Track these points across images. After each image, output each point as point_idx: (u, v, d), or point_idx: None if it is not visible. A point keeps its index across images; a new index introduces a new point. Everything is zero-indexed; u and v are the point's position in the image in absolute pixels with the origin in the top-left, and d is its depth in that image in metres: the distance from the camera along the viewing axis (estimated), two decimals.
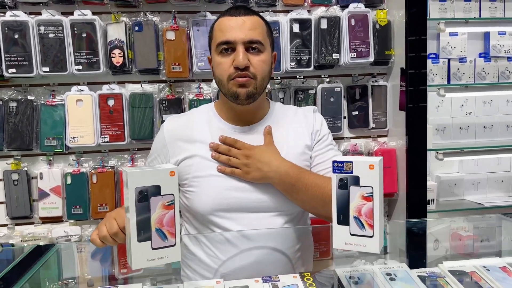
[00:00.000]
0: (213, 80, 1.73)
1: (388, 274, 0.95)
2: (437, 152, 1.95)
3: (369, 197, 0.79)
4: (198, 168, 1.07)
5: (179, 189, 1.12)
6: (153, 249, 0.76)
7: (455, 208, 2.00)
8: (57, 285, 1.02)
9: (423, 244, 1.26)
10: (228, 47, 1.04)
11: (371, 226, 0.80)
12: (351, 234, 0.82)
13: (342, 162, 0.81)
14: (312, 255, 1.19)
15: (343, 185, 0.81)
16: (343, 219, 0.82)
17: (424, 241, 1.27)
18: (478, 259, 1.00)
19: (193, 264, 1.11)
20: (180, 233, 1.58)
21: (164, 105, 1.75)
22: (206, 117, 1.14)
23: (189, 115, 1.19)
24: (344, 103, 1.92)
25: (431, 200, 1.93)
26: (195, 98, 1.76)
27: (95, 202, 1.75)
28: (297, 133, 1.14)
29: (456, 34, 2.00)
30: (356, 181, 0.80)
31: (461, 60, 2.03)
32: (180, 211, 1.14)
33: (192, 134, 1.11)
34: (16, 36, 1.62)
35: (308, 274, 0.96)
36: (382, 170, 0.82)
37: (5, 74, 1.62)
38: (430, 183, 1.93)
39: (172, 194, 0.77)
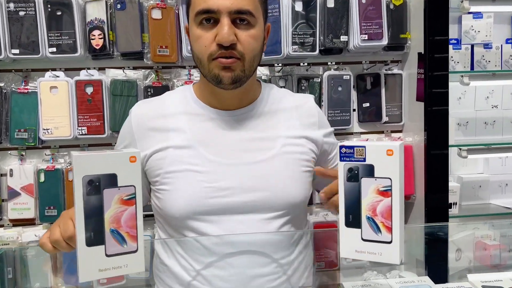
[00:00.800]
0: None
1: None
2: (459, 149, 1.79)
3: (386, 192, 0.65)
4: (172, 161, 0.92)
5: (150, 188, 0.98)
6: (108, 255, 0.62)
7: (480, 213, 1.85)
8: None
9: (445, 253, 1.12)
10: (210, 17, 0.87)
11: (389, 229, 0.65)
12: (363, 240, 0.67)
13: (352, 147, 0.66)
14: (312, 265, 1.04)
15: (353, 176, 0.66)
16: (353, 220, 0.67)
17: (445, 250, 1.13)
18: None
19: (164, 277, 0.97)
20: (154, 238, 1.43)
21: (149, 93, 1.63)
22: (183, 100, 0.99)
23: (162, 99, 1.02)
24: (353, 94, 1.78)
25: (453, 203, 1.78)
26: (185, 85, 1.63)
27: (71, 203, 1.59)
28: (294, 124, 1.00)
29: (480, 16, 1.85)
30: (370, 171, 0.65)
31: (486, 46, 1.88)
32: (153, 214, 1.04)
33: (165, 121, 0.96)
34: None
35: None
36: (403, 158, 0.66)
37: None
38: (452, 184, 1.78)
39: (133, 186, 0.63)
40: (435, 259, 1.09)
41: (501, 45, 1.91)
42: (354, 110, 1.80)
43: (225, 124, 0.96)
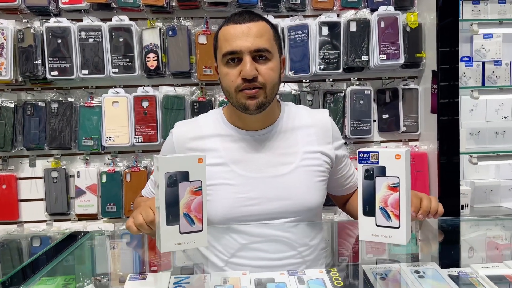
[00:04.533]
0: None
1: (417, 271, 0.93)
2: (470, 156, 1.89)
3: (395, 188, 0.79)
4: (209, 177, 1.03)
5: None
6: (181, 233, 0.78)
7: (491, 215, 1.91)
8: (85, 276, 1.05)
9: (456, 246, 1.20)
10: (235, 57, 1.00)
11: (398, 217, 0.79)
12: (377, 225, 0.81)
13: (368, 153, 0.81)
14: (323, 250, 1.13)
15: (369, 175, 0.81)
16: (369, 210, 0.81)
17: (457, 244, 1.22)
18: None
19: (204, 267, 1.11)
20: None
21: (195, 107, 1.79)
22: (215, 123, 1.12)
23: (197, 121, 1.15)
24: (374, 106, 1.90)
25: (465, 205, 1.87)
26: (225, 100, 1.77)
27: (128, 200, 1.80)
28: (311, 139, 1.10)
29: (490, 36, 1.95)
30: (382, 171, 0.80)
31: (496, 63, 1.97)
32: None
33: (201, 142, 1.08)
34: (59, 41, 1.71)
35: (334, 269, 0.95)
36: (409, 161, 0.81)
37: (48, 76, 1.71)
38: (464, 187, 1.87)
39: (200, 181, 0.79)
40: (448, 252, 1.16)
41: (510, 61, 1.98)
42: (374, 121, 1.91)
43: (251, 143, 1.08)
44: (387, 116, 1.90)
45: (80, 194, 1.80)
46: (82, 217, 1.84)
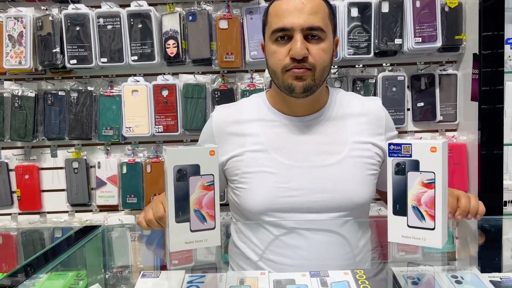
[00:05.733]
0: (266, 70, 1.73)
1: (454, 276, 0.85)
2: None
3: (430, 184, 0.71)
4: (248, 163, 1.01)
5: (228, 185, 1.09)
6: (192, 231, 0.73)
7: None
8: (97, 272, 1.03)
9: (498, 248, 1.12)
10: (285, 34, 0.94)
11: (432, 217, 0.71)
12: (409, 226, 0.74)
13: (399, 145, 0.73)
14: (369, 251, 1.09)
15: (400, 170, 0.73)
16: (400, 209, 0.74)
17: (499, 245, 1.13)
18: None
19: (236, 258, 1.08)
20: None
21: (216, 95, 1.74)
22: (257, 107, 1.07)
23: (239, 105, 1.11)
24: (408, 94, 1.79)
25: (509, 201, 1.74)
26: (247, 88, 1.74)
27: (149, 191, 1.78)
28: (362, 129, 1.03)
29: None
30: (415, 165, 0.72)
31: None
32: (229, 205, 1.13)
33: (241, 127, 1.04)
34: (77, 29, 1.69)
35: (360, 272, 0.89)
36: (447, 154, 0.73)
37: (67, 65, 1.70)
38: (508, 182, 1.74)
39: (212, 175, 0.74)
40: (489, 254, 1.09)
41: None
42: (408, 109, 1.81)
43: (296, 130, 1.02)
44: (422, 104, 1.80)
45: (101, 185, 1.80)
46: (103, 208, 1.84)
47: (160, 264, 1.14)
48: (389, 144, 0.74)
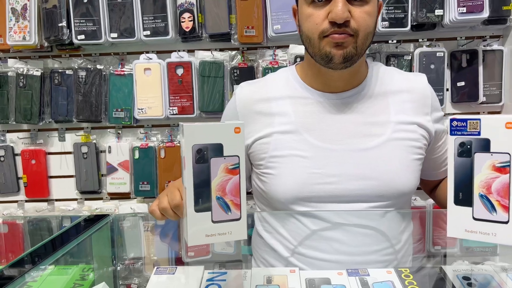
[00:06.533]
0: (290, 46, 1.63)
1: None
2: None
3: (504, 168, 0.60)
4: (276, 146, 0.91)
5: (253, 170, 1.00)
6: (213, 222, 0.64)
7: None
8: (104, 265, 0.96)
9: None
10: None
11: (506, 208, 0.60)
12: (475, 219, 0.63)
13: (465, 120, 0.62)
14: (411, 246, 1.00)
15: (466, 151, 0.62)
16: (464, 198, 0.63)
17: None
18: None
19: (263, 253, 0.99)
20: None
21: (235, 74, 1.64)
22: (286, 83, 0.97)
23: (265, 81, 1.01)
24: (447, 72, 1.66)
25: None
26: (269, 66, 1.63)
27: (163, 178, 1.70)
28: (406, 108, 0.93)
29: None
30: (485, 145, 0.61)
31: None
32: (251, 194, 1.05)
33: (269, 105, 0.94)
34: (85, 1, 1.61)
35: (406, 270, 0.79)
36: None
37: (75, 41, 1.63)
38: None
39: (237, 156, 0.64)
40: None
41: None
42: (447, 89, 1.68)
43: (331, 108, 0.92)
44: (463, 83, 1.66)
45: (112, 171, 1.74)
46: (114, 196, 1.78)
47: (175, 256, 1.08)
48: (451, 120, 0.63)
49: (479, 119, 0.61)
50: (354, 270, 0.79)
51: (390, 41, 1.66)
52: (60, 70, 1.70)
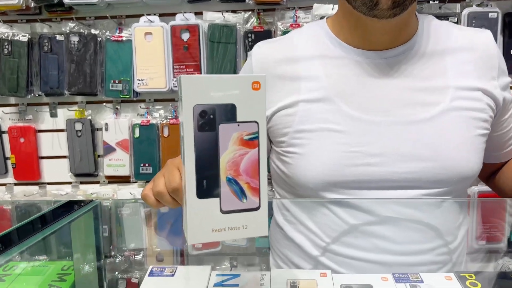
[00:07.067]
0: (314, 6, 1.48)
1: None
2: None
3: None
4: (303, 118, 0.78)
5: (272, 149, 0.85)
6: (223, 212, 0.49)
7: None
8: (86, 261, 0.86)
9: None
10: None
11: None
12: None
13: None
14: (465, 243, 0.88)
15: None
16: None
17: None
18: None
19: (284, 249, 0.87)
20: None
21: (249, 39, 1.52)
22: (315, 40, 0.82)
23: (288, 38, 0.87)
24: (499, 38, 1.51)
25: None
26: (289, 29, 1.49)
27: (166, 160, 1.57)
28: (468, 70, 0.79)
29: None
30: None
31: None
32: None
33: (294, 67, 0.81)
34: None
35: (472, 276, 0.64)
36: None
37: (65, 0, 1.52)
38: None
39: (256, 123, 0.49)
40: None
41: None
42: None
43: (373, 69, 0.78)
44: None
45: (109, 151, 1.65)
46: (113, 180, 1.70)
47: (180, 248, 1.00)
48: None
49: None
50: (402, 274, 0.65)
51: (432, 1, 1.49)
52: (49, 36, 1.61)
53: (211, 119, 0.47)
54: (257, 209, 0.50)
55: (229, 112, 0.47)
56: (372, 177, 0.75)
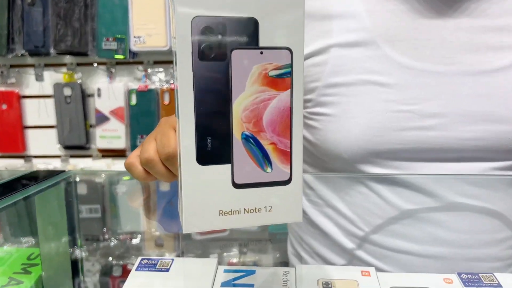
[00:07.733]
0: None
1: None
2: None
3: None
4: (337, 68, 0.68)
5: None
6: (236, 186, 0.35)
7: None
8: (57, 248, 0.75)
9: None
10: None
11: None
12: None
13: None
14: None
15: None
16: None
17: None
18: None
19: (308, 237, 0.78)
20: None
21: None
22: None
23: None
24: None
25: None
26: None
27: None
28: None
29: None
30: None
31: None
32: None
33: (324, 1, 0.70)
34: None
35: None
36: None
37: None
38: None
39: (288, 50, 0.35)
40: None
41: None
42: None
43: (428, 6, 0.67)
44: None
45: (102, 120, 1.60)
46: (106, 154, 1.65)
47: (181, 230, 0.93)
48: None
49: None
50: (471, 275, 0.53)
51: None
52: None
53: (219, 41, 0.32)
54: (287, 182, 0.36)
55: (247, 31, 0.33)
56: (428, 144, 0.65)
